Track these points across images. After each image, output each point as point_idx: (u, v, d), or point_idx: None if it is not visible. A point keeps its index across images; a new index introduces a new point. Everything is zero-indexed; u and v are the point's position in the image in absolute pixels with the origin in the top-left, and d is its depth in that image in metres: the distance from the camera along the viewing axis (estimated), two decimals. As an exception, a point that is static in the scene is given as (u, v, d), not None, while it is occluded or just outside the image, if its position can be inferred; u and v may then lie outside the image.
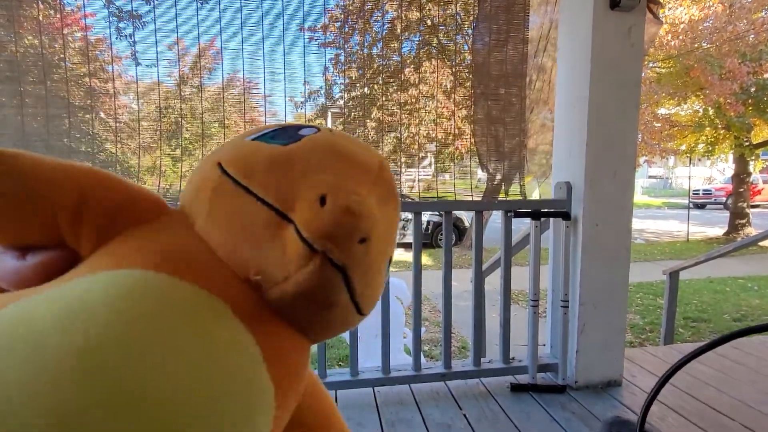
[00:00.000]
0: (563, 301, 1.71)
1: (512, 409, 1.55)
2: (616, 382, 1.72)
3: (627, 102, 1.64)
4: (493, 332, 1.91)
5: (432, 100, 2.25)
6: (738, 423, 1.44)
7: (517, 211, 1.72)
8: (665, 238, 9.59)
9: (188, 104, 2.26)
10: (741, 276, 5.74)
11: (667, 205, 17.38)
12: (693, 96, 8.48)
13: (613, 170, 1.65)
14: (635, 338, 3.79)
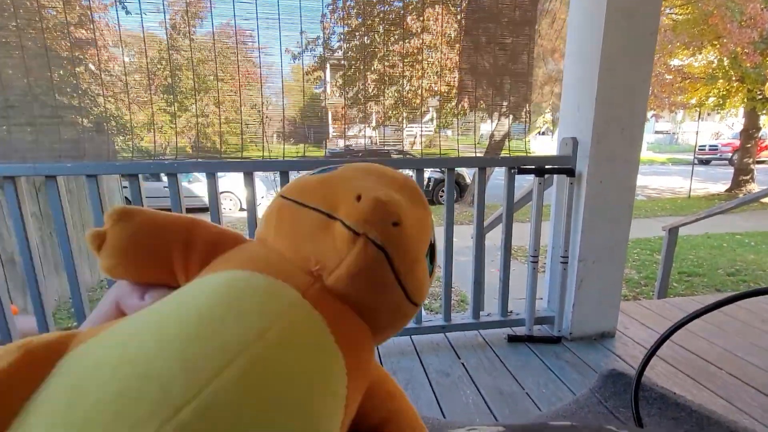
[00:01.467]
0: (563, 257, 1.73)
1: (509, 358, 1.63)
2: (610, 333, 1.79)
3: (641, 53, 1.56)
4: (492, 287, 1.96)
5: (435, 50, 2.14)
6: (725, 371, 1.51)
7: (521, 168, 1.70)
8: (667, 195, 9.57)
9: (182, 55, 2.16)
10: (740, 232, 5.79)
11: (671, 161, 17.16)
12: (709, 45, 8.08)
13: (621, 125, 1.61)
14: (630, 292, 3.89)
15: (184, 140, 2.72)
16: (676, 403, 0.41)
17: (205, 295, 0.20)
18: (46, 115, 1.58)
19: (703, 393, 1.39)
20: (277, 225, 0.26)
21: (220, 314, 0.19)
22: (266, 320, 0.20)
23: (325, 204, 0.25)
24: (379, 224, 0.22)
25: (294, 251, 0.24)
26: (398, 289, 0.24)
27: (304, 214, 0.25)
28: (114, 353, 0.18)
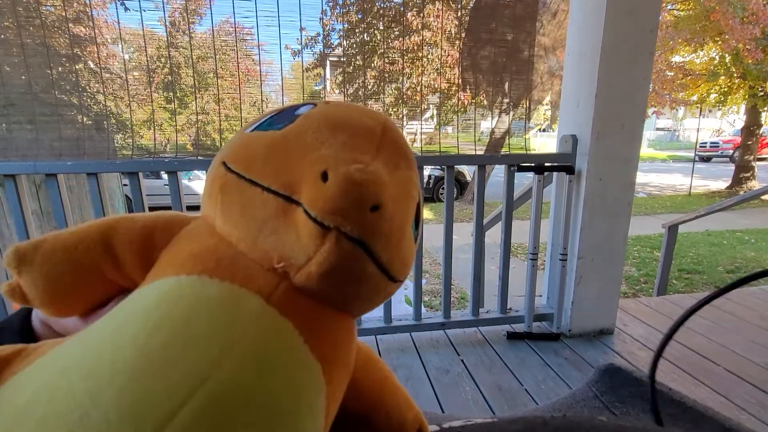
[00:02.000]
0: (562, 255, 1.73)
1: (508, 355, 1.63)
2: (609, 330, 1.80)
3: (641, 49, 1.56)
4: (492, 284, 1.97)
5: (435, 47, 2.14)
6: (723, 368, 1.52)
7: (521, 165, 1.70)
8: (667, 192, 9.56)
9: (181, 53, 2.15)
10: (740, 229, 5.79)
11: (672, 159, 17.14)
12: (711, 42, 8.05)
13: (621, 122, 1.60)
14: (629, 289, 3.90)
15: (184, 137, 2.72)
16: (672, 400, 0.41)
17: (141, 318, 0.16)
18: (46, 113, 1.58)
19: (701, 389, 1.40)
20: (222, 208, 0.20)
21: (161, 342, 0.15)
22: (223, 343, 0.16)
23: (281, 182, 0.19)
24: (353, 212, 0.17)
25: (250, 244, 0.19)
26: (380, 275, 0.20)
27: (257, 197, 0.19)
28: (41, 400, 0.14)
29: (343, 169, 0.18)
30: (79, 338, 0.17)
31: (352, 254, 0.18)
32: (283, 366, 0.17)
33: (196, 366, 0.15)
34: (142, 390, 0.14)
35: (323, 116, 0.22)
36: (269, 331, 0.18)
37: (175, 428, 0.14)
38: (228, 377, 0.15)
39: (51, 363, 0.16)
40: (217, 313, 0.17)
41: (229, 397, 0.15)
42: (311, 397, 0.18)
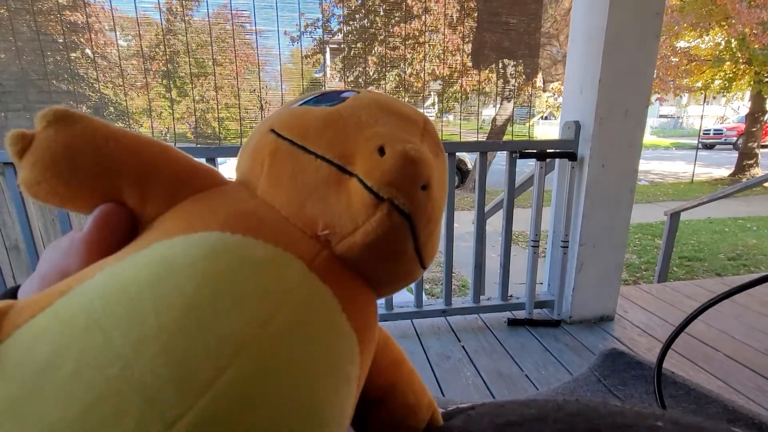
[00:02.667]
0: (563, 242, 1.73)
1: (508, 341, 1.65)
2: (609, 317, 1.81)
3: (646, 33, 1.53)
4: (493, 272, 1.97)
5: (437, 32, 2.10)
6: (722, 353, 1.53)
7: (523, 152, 1.69)
8: (670, 180, 9.52)
9: (180, 40, 2.12)
10: (742, 216, 5.78)
11: (675, 146, 17.02)
12: (717, 26, 7.91)
13: (624, 108, 1.58)
14: (630, 276, 3.91)
15: (184, 126, 2.71)
16: (674, 382, 0.41)
17: (187, 269, 0.15)
18: (43, 100, 1.57)
19: (701, 374, 1.41)
20: (270, 172, 0.20)
21: (210, 297, 0.15)
22: (269, 304, 0.16)
23: (335, 152, 0.19)
24: (408, 188, 0.18)
25: (296, 209, 0.19)
26: (414, 257, 0.21)
27: (310, 164, 0.19)
28: (69, 353, 0.13)
29: (400, 146, 0.18)
30: (105, 285, 0.15)
31: (399, 228, 0.19)
32: (325, 331, 0.17)
33: (245, 324, 0.15)
34: (191, 344, 0.14)
35: (373, 100, 0.23)
36: (312, 296, 0.18)
37: (224, 384, 0.13)
38: (274, 338, 0.15)
39: (70, 312, 0.14)
40: (264, 273, 0.17)
41: (274, 359, 0.15)
42: (348, 365, 0.18)
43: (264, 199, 0.20)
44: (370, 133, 0.20)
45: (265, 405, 0.14)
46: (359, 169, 0.19)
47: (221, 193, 0.21)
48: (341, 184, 0.19)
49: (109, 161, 0.18)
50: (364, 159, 0.19)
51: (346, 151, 0.19)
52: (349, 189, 0.18)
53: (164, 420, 0.12)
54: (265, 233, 0.18)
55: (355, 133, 0.20)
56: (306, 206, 0.19)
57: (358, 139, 0.20)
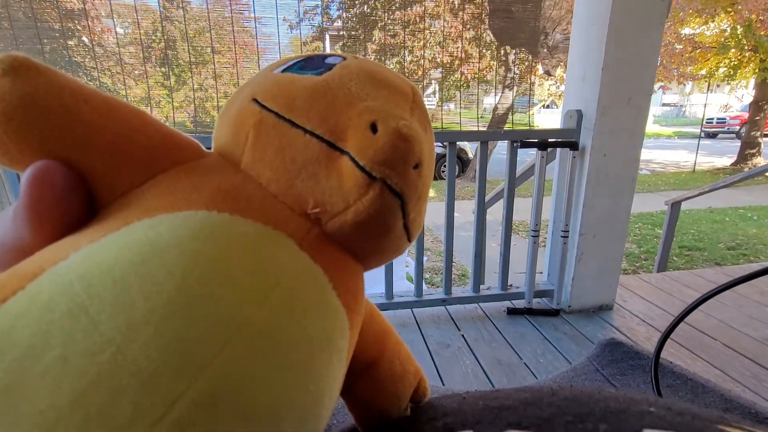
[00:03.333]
0: (563, 232, 1.73)
1: (507, 330, 1.66)
2: (608, 306, 1.82)
3: (651, 20, 1.51)
4: (493, 261, 1.98)
5: (438, 18, 2.07)
6: (720, 342, 1.54)
7: (524, 141, 1.68)
8: (671, 169, 9.48)
9: (176, 26, 2.09)
10: (742, 206, 5.77)
11: (677, 135, 16.91)
12: (723, 12, 7.78)
13: (627, 96, 1.57)
14: (629, 266, 3.93)
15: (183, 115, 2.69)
16: (672, 372, 0.41)
17: (174, 250, 0.15)
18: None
19: (698, 363, 1.43)
20: (255, 145, 0.19)
21: (201, 278, 0.14)
22: (263, 283, 0.16)
23: (325, 127, 0.19)
24: (401, 167, 0.18)
25: (283, 186, 0.19)
26: (403, 233, 0.21)
27: (298, 139, 0.19)
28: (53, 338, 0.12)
29: (393, 123, 0.18)
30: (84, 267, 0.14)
31: (390, 207, 0.19)
32: (317, 309, 0.17)
33: (239, 305, 0.14)
34: (185, 326, 0.13)
35: (361, 69, 0.21)
36: (304, 274, 0.17)
37: (222, 363, 0.13)
38: (269, 318, 0.15)
39: (48, 296, 0.13)
40: (256, 253, 0.16)
41: (270, 338, 0.15)
42: (339, 340, 0.18)
43: (248, 173, 0.19)
44: (362, 108, 0.19)
45: (264, 382, 0.14)
46: (351, 146, 0.18)
47: (203, 167, 0.19)
48: (332, 161, 0.18)
49: (76, 122, 0.16)
50: (355, 136, 0.18)
51: (336, 126, 0.19)
52: (340, 167, 0.18)
53: (163, 401, 0.12)
54: (254, 211, 0.18)
55: (345, 107, 0.19)
56: (294, 183, 0.19)
57: (349, 113, 0.19)
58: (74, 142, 0.16)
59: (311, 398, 0.16)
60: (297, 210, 0.19)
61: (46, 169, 0.15)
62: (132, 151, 0.17)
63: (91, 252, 0.14)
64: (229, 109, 0.21)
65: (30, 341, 0.12)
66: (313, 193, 0.18)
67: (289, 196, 0.19)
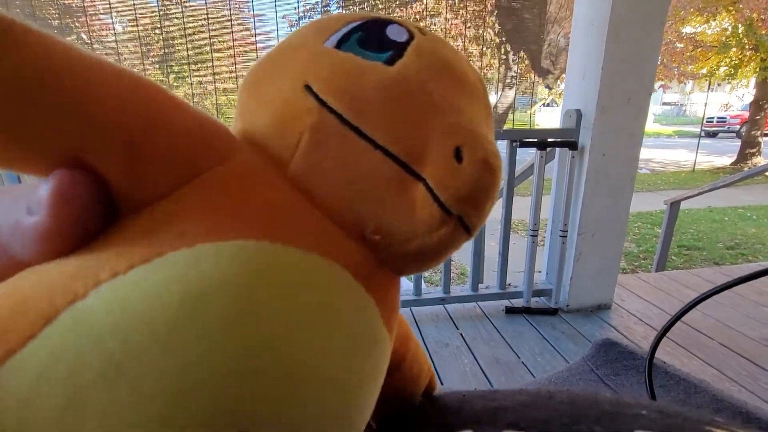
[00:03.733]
0: (562, 231, 1.74)
1: (506, 329, 1.67)
2: (606, 305, 1.82)
3: (651, 18, 1.50)
4: (491, 260, 1.98)
5: (438, 17, 2.07)
6: (716, 342, 1.55)
7: (523, 141, 1.68)
8: (671, 168, 9.48)
9: (175, 24, 2.09)
10: (742, 206, 5.77)
11: (678, 134, 16.90)
12: (724, 11, 7.77)
13: (627, 96, 1.57)
14: (628, 265, 3.93)
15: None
16: (666, 372, 0.42)
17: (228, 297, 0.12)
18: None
19: (694, 362, 1.43)
20: (310, 152, 0.16)
21: (264, 332, 0.12)
22: (328, 326, 0.14)
23: (403, 146, 0.16)
24: (482, 205, 0.16)
25: (342, 207, 0.16)
26: None
27: (367, 155, 0.16)
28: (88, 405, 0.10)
29: (482, 152, 0.16)
30: (114, 314, 0.11)
31: (457, 243, 0.17)
32: (371, 346, 0.16)
33: (305, 358, 0.13)
34: (248, 393, 0.12)
35: (438, 59, 0.18)
36: (360, 311, 0.16)
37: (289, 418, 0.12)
38: (332, 365, 0.14)
39: (75, 351, 0.11)
40: (319, 292, 0.14)
41: (333, 386, 0.14)
42: (383, 366, 0.17)
43: (297, 183, 0.16)
44: (447, 126, 0.16)
45: (329, 428, 0.14)
46: (429, 173, 0.15)
47: (243, 172, 0.15)
48: (404, 187, 0.16)
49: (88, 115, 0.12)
50: (437, 162, 0.15)
51: (415, 144, 0.16)
52: (413, 195, 0.16)
53: None
54: (309, 238, 0.15)
55: (425, 119, 0.16)
56: (354, 204, 0.16)
57: (431, 127, 0.16)
58: (86, 142, 0.12)
59: (362, 420, 0.15)
60: (352, 233, 0.16)
61: (71, 183, 0.12)
62: (160, 150, 0.14)
63: (119, 293, 0.12)
64: (265, 87, 0.17)
65: (58, 416, 0.10)
66: (376, 219, 0.16)
67: (347, 219, 0.16)
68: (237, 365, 0.11)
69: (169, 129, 0.14)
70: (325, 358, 0.13)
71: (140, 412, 0.10)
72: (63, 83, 0.12)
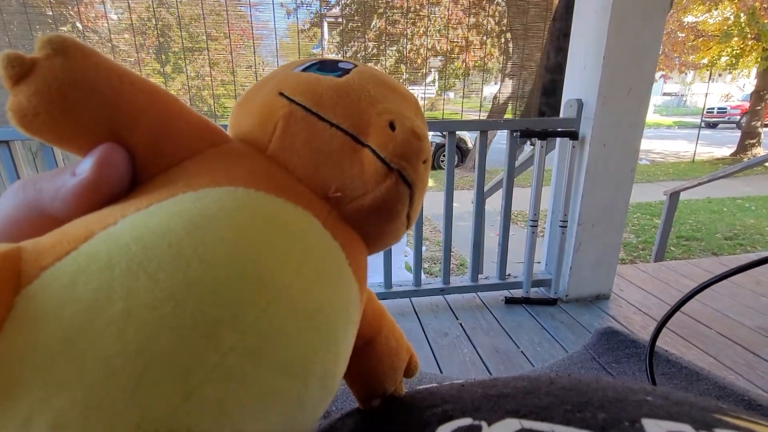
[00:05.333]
0: (562, 221, 1.74)
1: (505, 319, 1.67)
2: (605, 295, 1.83)
3: (654, 6, 1.48)
4: (491, 251, 1.99)
5: (439, 5, 2.04)
6: (714, 331, 1.56)
7: (523, 131, 1.67)
8: (671, 159, 9.47)
9: (171, 13, 2.06)
10: (741, 196, 5.78)
11: (677, 125, 16.83)
12: (726, 0, 7.68)
13: (628, 86, 1.56)
14: (627, 255, 3.95)
15: (180, 103, 2.65)
16: (668, 360, 0.42)
17: (223, 220, 0.16)
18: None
19: (692, 351, 1.45)
20: (284, 135, 0.21)
21: (249, 246, 0.16)
22: (300, 254, 0.18)
23: (349, 122, 0.21)
24: (414, 161, 0.21)
25: (309, 172, 0.21)
26: (404, 222, 0.24)
27: (325, 132, 0.21)
28: (115, 289, 0.13)
29: (409, 123, 0.21)
30: (138, 231, 0.15)
31: (401, 195, 0.21)
32: (338, 281, 0.20)
33: (282, 272, 0.16)
34: (237, 287, 0.15)
35: (375, 75, 0.24)
36: (328, 249, 0.20)
37: (267, 322, 0.15)
38: (303, 285, 0.17)
39: (107, 255, 0.14)
40: (291, 227, 0.18)
41: (303, 302, 0.17)
42: (353, 312, 0.21)
43: (275, 159, 0.22)
44: (381, 108, 0.22)
45: (297, 341, 0.16)
46: (372, 140, 0.21)
47: (233, 150, 0.21)
48: (355, 152, 0.21)
49: (124, 103, 0.17)
50: (377, 132, 0.21)
51: (359, 122, 0.21)
52: (362, 158, 0.21)
53: (218, 350, 0.14)
54: (284, 192, 0.20)
55: (367, 106, 0.22)
56: (319, 170, 0.21)
57: (370, 112, 0.21)
58: (122, 123, 0.17)
59: (332, 358, 0.18)
60: (320, 193, 0.21)
61: (113, 152, 0.17)
62: (173, 133, 0.19)
63: (141, 219, 0.16)
64: (251, 102, 0.23)
65: (93, 296, 0.13)
66: (336, 180, 0.21)
67: (314, 181, 0.21)
68: (230, 270, 0.15)
69: (180, 119, 0.19)
70: (298, 277, 0.17)
71: (156, 297, 0.14)
72: (111, 81, 0.17)
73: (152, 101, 0.18)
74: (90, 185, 0.16)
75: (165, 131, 0.18)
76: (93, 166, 0.16)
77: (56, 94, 0.16)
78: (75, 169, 0.17)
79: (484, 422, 0.18)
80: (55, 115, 0.16)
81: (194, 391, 0.13)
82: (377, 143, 0.21)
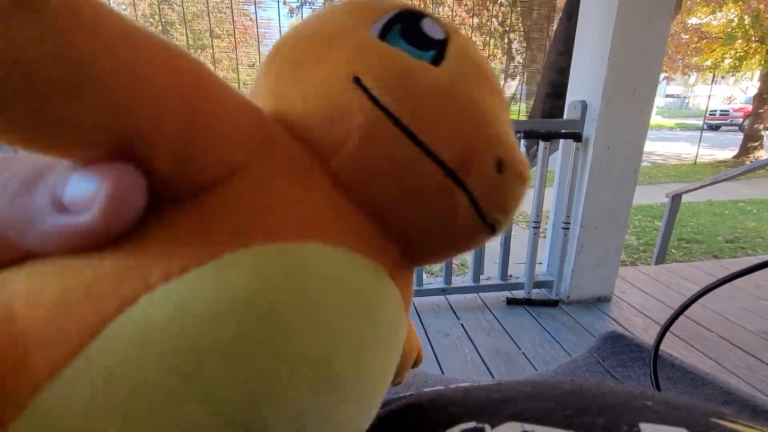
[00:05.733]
0: (564, 223, 1.74)
1: (506, 320, 1.68)
2: (606, 297, 1.83)
3: (659, 8, 1.48)
4: (493, 252, 1.99)
5: (441, 5, 2.03)
6: (715, 334, 1.56)
7: (526, 132, 1.66)
8: (672, 161, 9.45)
9: (175, 10, 2.06)
10: (743, 199, 5.77)
11: (680, 127, 16.80)
12: (731, 2, 7.66)
13: (633, 87, 1.55)
14: (628, 257, 3.94)
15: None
16: (672, 365, 0.42)
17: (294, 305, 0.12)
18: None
19: (693, 354, 1.45)
20: (360, 156, 0.15)
21: (330, 338, 0.13)
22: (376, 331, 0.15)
23: (452, 153, 0.15)
24: (511, 213, 0.17)
25: (386, 209, 0.16)
26: None
27: (419, 163, 0.15)
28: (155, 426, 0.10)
29: (520, 165, 0.16)
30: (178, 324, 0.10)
31: (483, 240, 0.18)
32: (399, 343, 0.18)
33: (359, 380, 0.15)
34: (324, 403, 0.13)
35: (475, 63, 0.17)
36: (395, 304, 0.17)
37: None
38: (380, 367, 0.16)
39: (135, 370, 0.10)
40: (371, 293, 0.15)
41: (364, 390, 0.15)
42: (401, 345, 0.19)
43: (341, 179, 0.16)
44: (493, 136, 0.16)
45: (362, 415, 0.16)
46: (474, 183, 0.16)
47: (286, 168, 0.15)
48: (450, 194, 0.16)
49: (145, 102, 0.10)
50: (480, 172, 0.16)
51: (463, 154, 0.15)
52: (457, 203, 0.16)
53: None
54: (355, 240, 0.15)
55: (473, 129, 0.16)
56: (399, 206, 0.16)
57: (478, 136, 0.16)
58: (136, 131, 0.10)
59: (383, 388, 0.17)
60: (391, 233, 0.17)
61: (128, 181, 0.11)
62: (208, 137, 0.12)
63: (176, 299, 0.10)
64: (308, 71, 0.16)
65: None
66: (418, 222, 0.16)
67: (388, 219, 0.16)
68: (303, 377, 0.11)
69: (220, 111, 0.13)
70: (370, 371, 0.15)
71: (214, 421, 0.10)
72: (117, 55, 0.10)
73: (177, 87, 0.11)
74: (91, 234, 0.11)
75: (195, 138, 0.12)
76: (101, 210, 0.10)
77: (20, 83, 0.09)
78: (63, 197, 0.11)
79: (487, 425, 0.19)
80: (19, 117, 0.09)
81: None
82: (480, 190, 0.16)
